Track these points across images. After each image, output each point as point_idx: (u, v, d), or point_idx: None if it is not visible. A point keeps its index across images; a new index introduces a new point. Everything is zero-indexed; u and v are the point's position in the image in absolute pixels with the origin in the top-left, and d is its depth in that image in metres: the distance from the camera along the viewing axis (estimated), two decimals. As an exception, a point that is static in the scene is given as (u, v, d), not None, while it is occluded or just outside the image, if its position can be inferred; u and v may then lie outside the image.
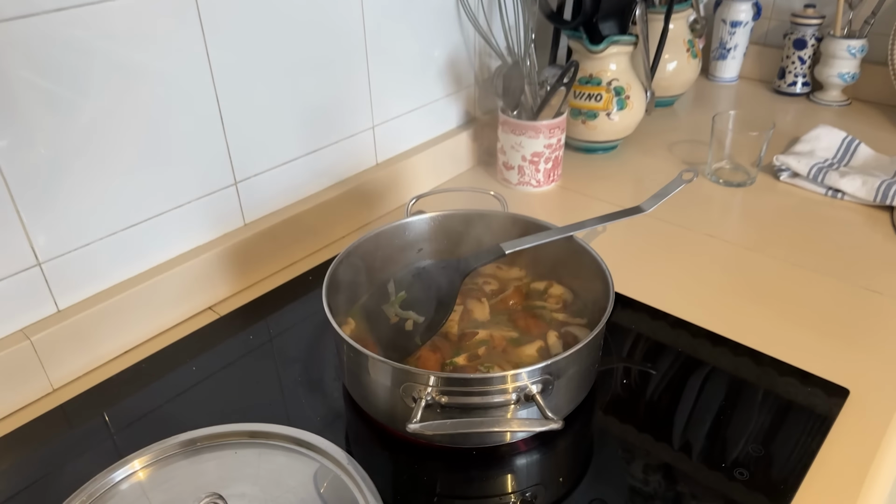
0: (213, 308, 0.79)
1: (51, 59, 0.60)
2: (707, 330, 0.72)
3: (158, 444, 0.57)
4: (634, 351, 0.71)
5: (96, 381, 0.68)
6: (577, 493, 0.56)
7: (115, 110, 0.65)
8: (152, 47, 0.66)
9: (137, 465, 0.55)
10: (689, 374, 0.67)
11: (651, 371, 0.68)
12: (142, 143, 0.69)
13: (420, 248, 0.76)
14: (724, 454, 0.58)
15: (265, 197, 0.83)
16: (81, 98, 0.63)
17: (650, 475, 0.57)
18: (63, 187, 0.64)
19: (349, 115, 0.89)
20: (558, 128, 0.97)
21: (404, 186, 0.98)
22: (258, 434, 0.59)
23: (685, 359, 0.69)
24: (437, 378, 0.53)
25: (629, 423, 0.62)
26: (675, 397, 0.65)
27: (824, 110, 1.29)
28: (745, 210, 0.97)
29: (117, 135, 0.67)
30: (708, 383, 0.66)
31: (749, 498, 0.54)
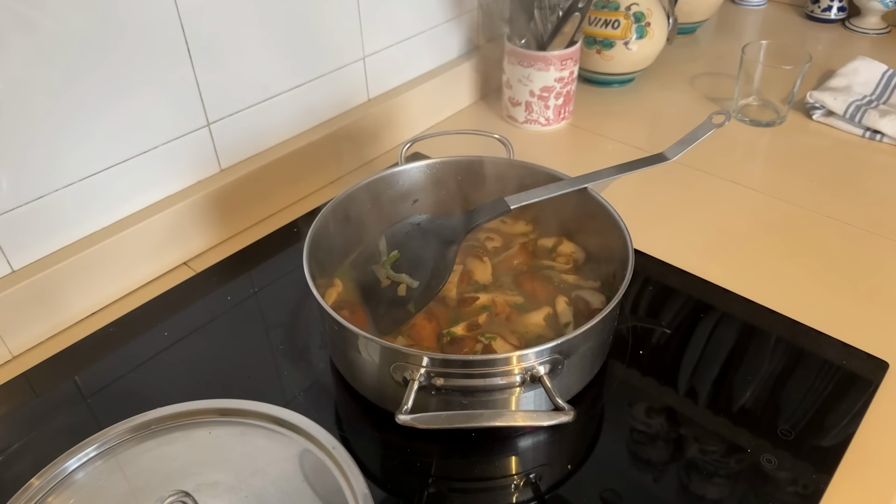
0: (189, 264, 0.72)
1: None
2: (729, 291, 0.65)
3: (120, 424, 0.51)
4: (652, 311, 0.65)
5: (61, 348, 0.62)
6: (584, 477, 0.51)
7: (63, 42, 0.56)
8: (99, -35, 0.56)
9: (94, 451, 0.49)
10: (712, 339, 0.61)
11: (666, 330, 0.62)
12: (96, 82, 0.60)
13: (415, 200, 0.68)
14: (770, 424, 0.53)
15: (243, 139, 0.74)
16: (22, 26, 0.53)
17: (672, 459, 0.52)
18: (10, 135, 0.56)
19: (336, 45, 0.79)
20: (571, 59, 0.87)
21: (399, 125, 0.89)
22: (235, 412, 0.53)
23: (707, 322, 0.63)
24: (431, 359, 0.47)
25: (643, 398, 0.56)
26: (696, 365, 0.59)
27: (861, 39, 1.17)
28: (773, 153, 0.88)
29: (67, 72, 0.58)
30: (729, 347, 0.60)
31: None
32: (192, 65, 0.66)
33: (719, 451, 0.52)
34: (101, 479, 0.49)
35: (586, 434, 0.54)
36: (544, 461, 0.53)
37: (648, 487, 0.50)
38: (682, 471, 0.51)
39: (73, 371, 0.60)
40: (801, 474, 0.50)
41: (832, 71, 1.01)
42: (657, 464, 0.51)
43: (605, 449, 0.53)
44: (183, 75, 0.66)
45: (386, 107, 0.86)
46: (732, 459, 0.51)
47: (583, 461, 0.52)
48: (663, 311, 0.65)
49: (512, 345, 0.55)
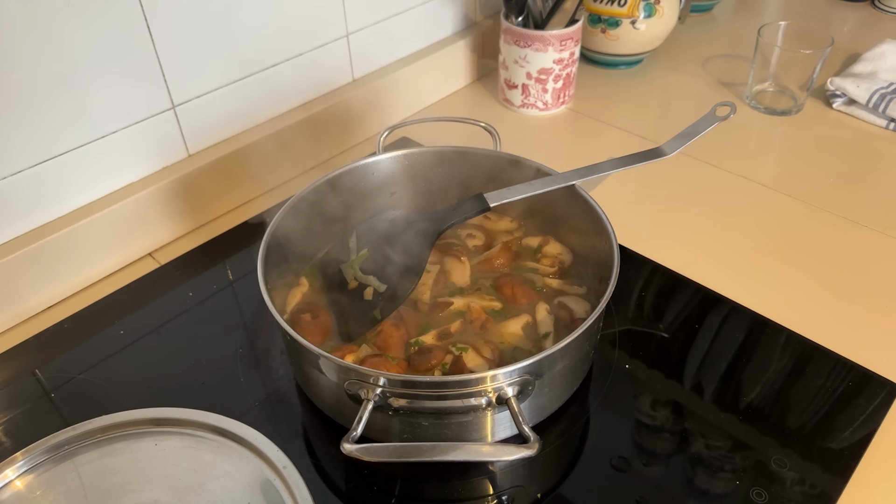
0: (153, 255, 0.68)
1: None
2: (733, 301, 0.60)
3: (63, 432, 0.48)
4: (641, 316, 0.60)
5: (13, 343, 0.59)
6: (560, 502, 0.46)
7: (9, 15, 0.52)
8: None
9: (25, 465, 0.46)
10: (710, 353, 0.56)
11: (664, 334, 0.57)
12: (52, 62, 0.55)
13: (393, 192, 0.63)
14: (766, 451, 0.48)
15: (212, 123, 0.69)
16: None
17: (656, 489, 0.47)
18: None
19: (317, 20, 0.73)
20: (571, 39, 0.80)
21: (386, 108, 0.84)
22: (183, 422, 0.50)
23: (707, 335, 0.58)
24: (388, 380, 0.43)
25: (632, 420, 0.52)
26: (687, 372, 0.54)
27: (891, 20, 1.09)
28: (787, 145, 0.81)
29: (21, 50, 0.53)
30: (728, 362, 0.55)
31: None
32: (153, 41, 0.61)
33: (727, 460, 0.47)
34: (35, 494, 0.46)
35: (563, 457, 0.50)
36: (518, 482, 0.49)
37: (626, 521, 0.46)
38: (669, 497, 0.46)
39: (22, 370, 0.57)
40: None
41: (857, 55, 0.94)
42: (635, 497, 0.47)
43: (581, 474, 0.48)
44: (142, 52, 0.61)
45: (372, 88, 0.81)
46: (726, 482, 0.47)
47: (556, 486, 0.48)
48: (660, 319, 0.59)
49: (484, 357, 0.51)
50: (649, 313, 0.60)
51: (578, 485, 0.48)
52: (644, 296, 0.62)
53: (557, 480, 0.48)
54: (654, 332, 0.58)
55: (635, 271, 0.64)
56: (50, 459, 0.47)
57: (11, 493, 0.46)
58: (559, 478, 0.48)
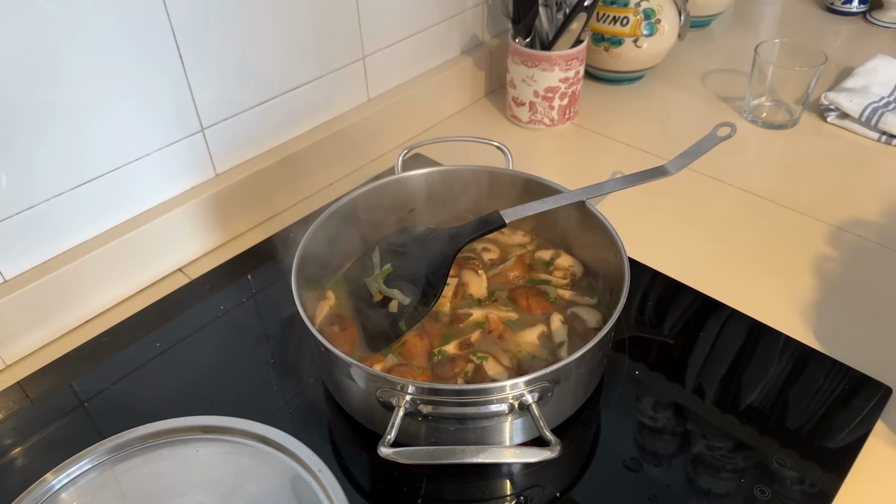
0: (183, 270, 0.71)
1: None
2: (734, 309, 0.64)
3: (107, 441, 0.51)
4: (649, 324, 0.63)
5: (53, 357, 0.62)
6: (576, 502, 0.50)
7: (54, 51, 0.55)
8: None
9: (77, 470, 0.49)
10: (710, 358, 0.60)
11: (668, 340, 0.60)
12: (90, 89, 0.59)
13: (412, 209, 0.67)
14: (766, 452, 0.52)
15: (238, 144, 0.73)
16: (14, 35, 0.52)
17: (665, 487, 0.50)
18: (3, 144, 0.55)
19: (335, 44, 0.77)
20: (577, 59, 0.84)
21: (400, 125, 0.87)
22: (222, 430, 0.53)
23: (707, 341, 0.61)
24: (417, 388, 0.46)
25: (643, 422, 0.55)
26: (694, 377, 0.57)
27: (883, 33, 1.13)
28: (784, 157, 0.85)
29: (60, 77, 0.57)
30: (728, 367, 0.58)
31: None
32: (184, 68, 0.65)
33: (730, 460, 0.51)
34: (87, 498, 0.49)
35: (578, 458, 0.53)
36: (536, 483, 0.53)
37: (639, 517, 0.49)
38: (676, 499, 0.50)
39: (65, 381, 0.60)
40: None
41: (850, 69, 0.98)
42: (647, 496, 0.50)
43: (595, 474, 0.52)
44: (174, 79, 0.65)
45: (387, 106, 0.85)
46: (730, 482, 0.50)
47: (571, 486, 0.51)
48: (664, 325, 0.63)
49: (504, 366, 0.54)
50: (653, 320, 0.64)
51: (593, 484, 0.51)
52: (649, 303, 0.65)
53: (573, 480, 0.52)
54: (658, 337, 0.62)
55: (640, 280, 0.67)
56: (96, 467, 0.51)
57: (61, 499, 0.49)
58: (575, 478, 0.52)
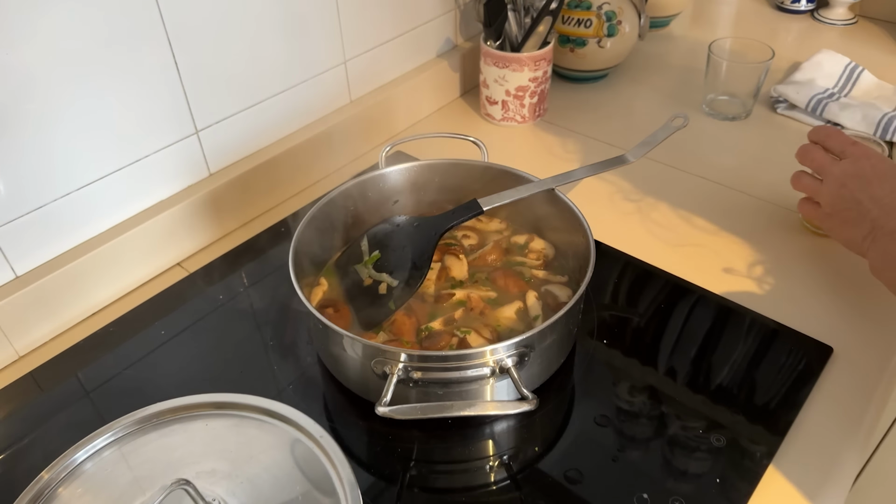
0: (182, 264, 0.76)
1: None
2: (692, 283, 0.70)
3: (123, 419, 0.56)
4: (616, 303, 0.69)
5: (64, 347, 0.66)
6: (556, 463, 0.55)
7: (56, 57, 0.60)
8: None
9: (101, 443, 0.54)
10: (668, 327, 0.66)
11: (633, 318, 0.67)
12: (89, 93, 0.63)
13: (396, 201, 0.72)
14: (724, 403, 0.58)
15: (230, 144, 0.78)
16: (18, 41, 0.57)
17: (630, 440, 0.56)
18: (11, 146, 0.59)
19: (318, 50, 0.82)
20: (544, 59, 0.90)
21: (381, 124, 0.93)
22: (229, 405, 0.58)
23: (665, 312, 0.67)
24: (409, 355, 0.51)
25: (610, 386, 0.61)
26: (654, 349, 0.63)
27: (829, 30, 1.21)
28: (740, 146, 0.92)
29: (63, 85, 0.61)
30: (685, 336, 0.65)
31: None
32: (179, 75, 0.69)
33: (697, 427, 0.57)
34: (108, 469, 0.54)
35: (554, 420, 0.59)
36: (516, 444, 0.58)
37: (607, 467, 0.55)
38: (637, 457, 0.56)
39: (75, 369, 0.64)
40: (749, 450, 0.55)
41: (798, 63, 1.05)
42: (615, 448, 0.56)
43: (570, 433, 0.58)
44: (171, 85, 0.69)
45: (368, 107, 0.90)
46: (693, 435, 0.56)
47: (551, 444, 0.57)
48: (631, 303, 0.69)
49: (485, 338, 0.60)
50: (621, 299, 0.70)
51: (569, 439, 0.57)
52: (618, 284, 0.71)
53: (552, 439, 0.57)
54: (625, 315, 0.68)
55: (609, 263, 0.73)
56: (116, 441, 0.55)
57: (85, 469, 0.53)
58: (552, 436, 0.58)
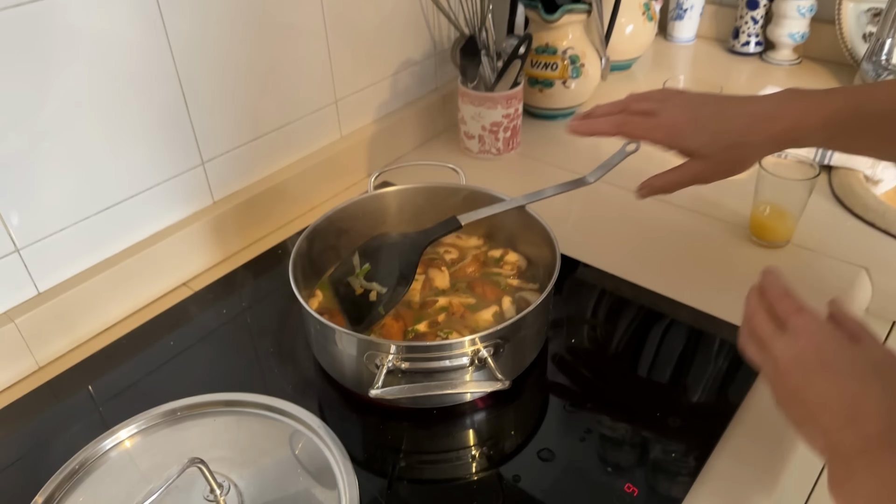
0: (187, 284, 0.83)
1: (18, 48, 0.62)
2: (648, 289, 0.78)
3: (143, 414, 0.62)
4: (584, 310, 0.77)
5: (80, 358, 0.72)
6: (530, 444, 0.62)
7: (80, 98, 0.68)
8: (109, 34, 0.68)
9: (124, 435, 0.60)
10: (632, 328, 0.73)
11: (598, 319, 0.74)
12: (108, 129, 0.71)
13: (383, 221, 0.80)
14: (671, 396, 0.65)
15: (232, 174, 0.86)
16: (46, 85, 0.65)
17: (596, 423, 0.63)
18: (36, 176, 0.67)
19: (311, 91, 0.91)
20: (515, 98, 1.00)
21: (369, 157, 1.01)
22: (235, 403, 0.64)
23: (625, 317, 0.75)
24: (397, 346, 0.58)
25: (577, 378, 0.68)
26: (616, 351, 0.71)
27: (776, 69, 1.33)
28: (693, 172, 1.02)
29: (85, 121, 0.69)
30: (648, 332, 0.72)
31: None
32: (188, 112, 0.78)
33: (627, 417, 0.64)
34: (130, 456, 0.60)
35: (528, 410, 0.66)
36: (495, 433, 0.65)
37: (576, 446, 0.61)
38: (601, 436, 0.62)
39: (91, 378, 0.70)
40: (694, 437, 0.62)
41: (747, 100, 1.16)
42: (583, 430, 0.63)
43: (544, 416, 0.64)
44: (180, 121, 0.77)
45: (357, 141, 0.99)
46: (640, 424, 0.63)
47: (527, 430, 0.64)
48: (595, 308, 0.77)
49: (465, 337, 0.67)
50: (587, 306, 0.78)
51: (547, 425, 0.63)
52: (583, 292, 0.79)
53: (531, 426, 0.64)
54: (590, 321, 0.76)
55: (575, 274, 0.81)
56: (137, 433, 0.61)
57: (111, 456, 0.59)
58: (532, 424, 0.64)
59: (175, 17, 0.72)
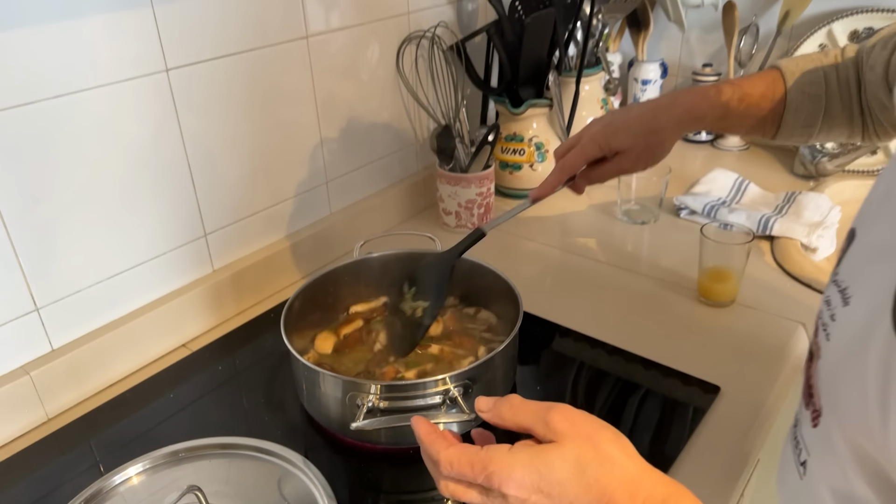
0: (186, 345, 0.90)
1: (55, 133, 0.72)
2: (615, 346, 0.86)
3: (148, 454, 0.68)
4: (544, 357, 0.85)
5: (86, 411, 0.78)
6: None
7: (103, 176, 0.78)
8: (131, 125, 0.79)
9: (132, 472, 0.66)
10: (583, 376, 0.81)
11: (557, 367, 0.82)
12: (125, 204, 0.81)
13: (367, 284, 0.89)
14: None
15: (231, 245, 0.95)
16: (74, 165, 0.75)
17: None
18: (60, 243, 0.76)
19: (304, 172, 1.02)
20: (487, 178, 1.12)
21: (356, 231, 1.11)
22: (229, 445, 0.71)
23: (581, 364, 0.83)
24: (376, 385, 0.66)
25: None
26: (573, 391, 0.78)
27: (726, 155, 1.47)
28: (650, 245, 1.12)
29: (105, 196, 0.79)
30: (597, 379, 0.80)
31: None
32: (195, 190, 0.88)
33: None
34: (135, 491, 0.65)
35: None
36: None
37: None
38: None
39: (96, 428, 0.76)
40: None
41: (698, 180, 1.29)
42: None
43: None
44: (187, 198, 0.88)
45: (345, 216, 1.09)
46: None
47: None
48: (557, 358, 0.85)
49: (442, 383, 0.74)
50: (548, 356, 0.85)
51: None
52: (545, 344, 0.87)
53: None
54: (551, 365, 0.83)
55: (538, 328, 0.90)
56: (143, 471, 0.67)
57: (119, 491, 0.65)
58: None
59: (188, 115, 0.84)
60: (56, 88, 0.71)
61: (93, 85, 0.74)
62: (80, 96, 0.73)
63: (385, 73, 1.11)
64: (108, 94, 0.76)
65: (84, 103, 0.74)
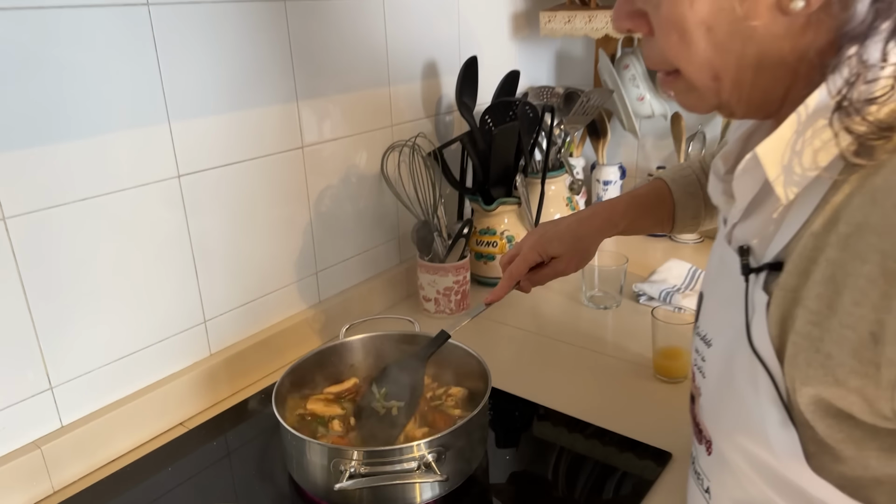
0: (184, 423, 0.97)
1: (71, 235, 0.83)
2: (561, 412, 0.95)
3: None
4: (512, 429, 0.93)
5: (89, 484, 0.85)
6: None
7: (117, 268, 0.88)
8: (146, 225, 0.91)
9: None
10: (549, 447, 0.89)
11: (523, 437, 0.89)
12: (134, 294, 0.91)
13: (351, 364, 0.98)
14: None
15: (228, 330, 1.04)
16: (90, 260, 0.86)
17: (521, 522, 0.77)
18: (75, 328, 0.85)
19: (296, 265, 1.13)
20: (463, 268, 1.23)
21: (343, 317, 1.21)
22: (223, 513, 0.77)
23: (548, 435, 0.91)
24: (357, 451, 0.74)
25: (519, 480, 0.82)
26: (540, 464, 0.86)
27: (683, 247, 1.61)
28: (614, 327, 1.23)
29: (117, 287, 0.89)
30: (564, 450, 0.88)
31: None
32: (198, 279, 0.98)
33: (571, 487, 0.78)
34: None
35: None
36: (442, 535, 0.77)
37: (507, 539, 0.74)
38: (530, 527, 0.76)
39: (100, 499, 0.82)
40: (606, 522, 0.76)
41: (656, 269, 1.41)
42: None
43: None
44: (189, 288, 0.98)
45: (333, 305, 1.19)
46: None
47: (466, 529, 0.77)
48: (523, 429, 0.93)
49: (416, 452, 0.82)
50: (516, 427, 0.93)
51: (478, 523, 0.77)
52: (514, 415, 0.95)
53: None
54: (516, 435, 0.91)
55: (506, 402, 0.98)
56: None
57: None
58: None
59: (196, 215, 0.96)
60: (80, 192, 0.83)
61: (113, 189, 0.86)
62: (102, 199, 0.85)
63: (371, 176, 1.24)
64: (127, 197, 0.88)
65: (107, 206, 0.86)
